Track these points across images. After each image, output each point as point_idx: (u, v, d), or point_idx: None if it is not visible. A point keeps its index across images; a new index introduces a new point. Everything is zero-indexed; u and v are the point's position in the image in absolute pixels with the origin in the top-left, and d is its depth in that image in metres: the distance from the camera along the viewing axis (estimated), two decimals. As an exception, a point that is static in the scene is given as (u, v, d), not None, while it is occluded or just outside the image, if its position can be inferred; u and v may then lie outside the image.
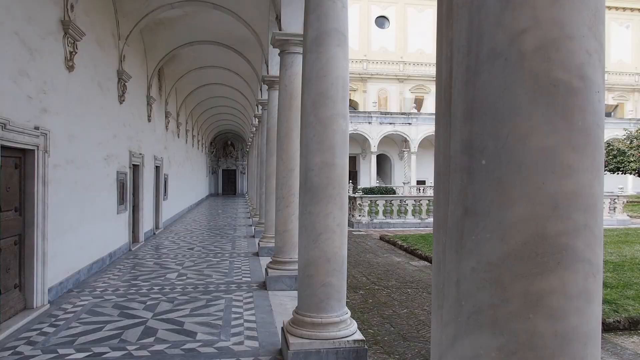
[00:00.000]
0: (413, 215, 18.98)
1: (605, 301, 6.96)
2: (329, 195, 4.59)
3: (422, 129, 39.59)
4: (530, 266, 1.26)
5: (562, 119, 1.26)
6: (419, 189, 34.37)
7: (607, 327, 6.28)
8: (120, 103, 10.87)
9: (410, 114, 39.97)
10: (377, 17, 45.41)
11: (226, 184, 43.67)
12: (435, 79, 1.72)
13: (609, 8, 52.82)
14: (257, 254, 10.89)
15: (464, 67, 1.37)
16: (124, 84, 10.98)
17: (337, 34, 4.68)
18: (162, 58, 14.41)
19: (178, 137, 19.99)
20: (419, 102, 46.44)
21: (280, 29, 7.95)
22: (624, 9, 53.29)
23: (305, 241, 4.67)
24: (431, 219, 18.14)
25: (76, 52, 7.98)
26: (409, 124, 38.99)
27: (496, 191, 1.29)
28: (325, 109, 4.63)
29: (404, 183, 35.77)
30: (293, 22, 7.66)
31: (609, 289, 7.58)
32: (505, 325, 1.28)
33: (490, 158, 1.30)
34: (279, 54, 7.93)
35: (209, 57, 16.19)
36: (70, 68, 7.79)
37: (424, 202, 19.33)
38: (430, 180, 40.25)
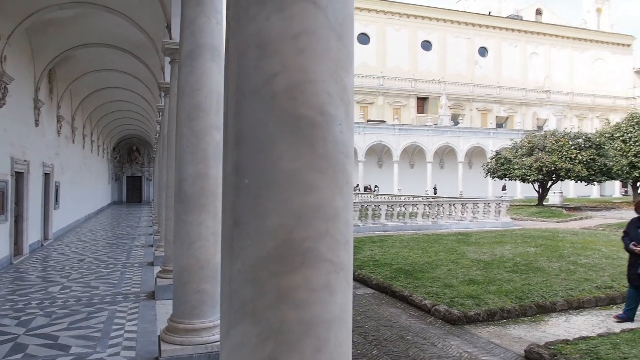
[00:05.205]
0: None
1: (469, 296, 7.75)
2: (202, 204, 4.75)
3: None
4: (280, 266, 1.55)
5: (306, 147, 1.57)
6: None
7: (468, 320, 7.01)
8: (0, 107, 10.18)
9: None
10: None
11: (131, 191, 41.76)
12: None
13: (500, 29, 57.90)
14: (152, 264, 10.69)
15: (234, 102, 1.64)
16: (5, 86, 10.30)
17: (212, 49, 4.87)
18: (53, 59, 13.67)
19: (73, 142, 18.92)
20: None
21: (170, 38, 7.98)
22: (513, 30, 58.58)
23: (180, 249, 4.79)
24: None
25: (-57, 52, 7.42)
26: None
27: (255, 205, 1.57)
28: (199, 121, 4.80)
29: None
30: (182, 32, 7.71)
31: (475, 285, 8.43)
32: (261, 315, 1.55)
33: (251, 178, 1.58)
34: (170, 63, 7.95)
35: (107, 60, 15.58)
36: None
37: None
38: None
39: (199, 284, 4.74)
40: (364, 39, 52.46)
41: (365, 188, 40.87)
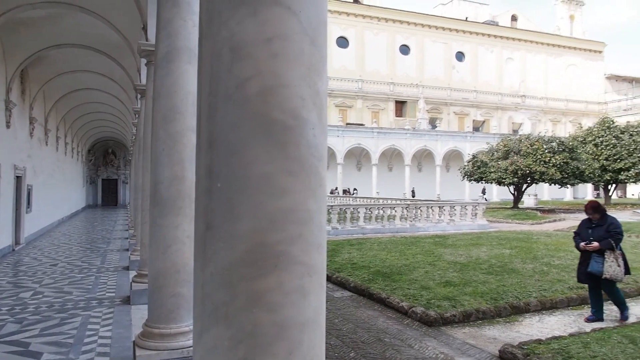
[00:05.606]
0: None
1: (446, 298, 7.83)
2: (179, 207, 4.71)
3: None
4: (253, 269, 1.55)
5: (279, 150, 1.57)
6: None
7: (444, 321, 7.07)
8: (-31, 108, 9.91)
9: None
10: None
11: (106, 195, 41.02)
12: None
13: (477, 34, 58.82)
14: (127, 268, 10.51)
15: (207, 105, 1.64)
16: (-26, 86, 10.04)
17: (188, 52, 4.84)
18: (25, 60, 13.36)
19: (46, 144, 18.51)
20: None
21: (146, 39, 7.90)
22: (489, 35, 59.59)
23: (155, 253, 4.74)
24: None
25: None
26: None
27: (228, 208, 1.57)
28: (175, 123, 4.76)
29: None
30: (159, 34, 7.63)
31: (451, 287, 8.53)
32: (234, 318, 1.55)
33: (224, 181, 1.58)
34: (146, 64, 7.85)
35: (81, 62, 15.30)
36: None
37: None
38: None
39: (174, 288, 4.69)
40: (342, 42, 52.79)
41: (344, 191, 41.15)
